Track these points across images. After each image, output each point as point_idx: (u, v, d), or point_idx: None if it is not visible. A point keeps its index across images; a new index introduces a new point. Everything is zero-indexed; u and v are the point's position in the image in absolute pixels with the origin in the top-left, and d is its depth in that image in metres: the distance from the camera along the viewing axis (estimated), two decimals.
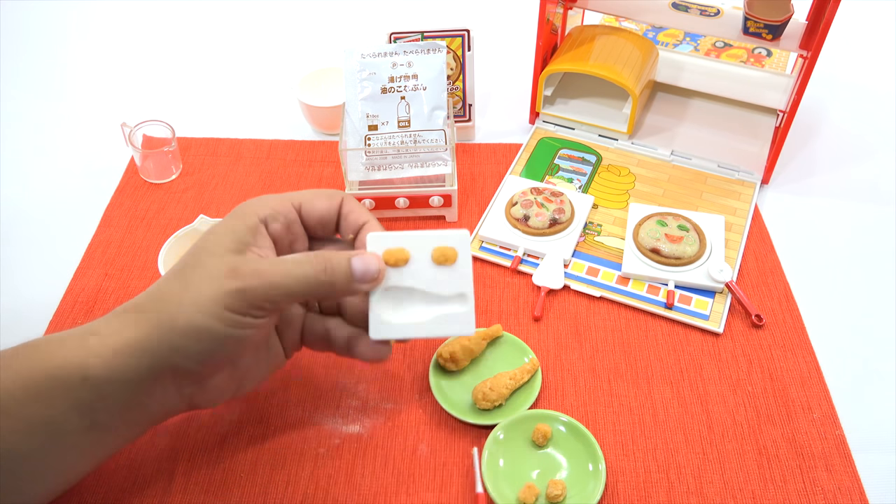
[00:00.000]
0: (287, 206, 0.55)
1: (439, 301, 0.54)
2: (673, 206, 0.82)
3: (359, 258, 0.51)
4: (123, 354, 0.48)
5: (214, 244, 0.51)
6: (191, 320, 0.48)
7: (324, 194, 0.57)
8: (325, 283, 0.50)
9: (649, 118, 0.94)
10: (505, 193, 0.83)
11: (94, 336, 0.49)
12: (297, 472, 0.60)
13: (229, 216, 0.54)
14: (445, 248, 0.53)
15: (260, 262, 0.50)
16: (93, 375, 0.48)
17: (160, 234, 0.80)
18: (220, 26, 1.14)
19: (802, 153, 0.92)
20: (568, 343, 0.70)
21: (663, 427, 0.64)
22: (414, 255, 0.53)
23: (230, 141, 0.92)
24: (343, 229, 0.57)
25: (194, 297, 0.49)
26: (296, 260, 0.51)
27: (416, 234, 0.54)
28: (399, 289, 0.53)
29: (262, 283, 0.49)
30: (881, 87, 1.03)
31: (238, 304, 0.49)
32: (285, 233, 0.55)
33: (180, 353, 0.49)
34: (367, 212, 0.57)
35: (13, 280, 0.77)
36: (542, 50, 0.88)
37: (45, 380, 0.47)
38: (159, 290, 0.51)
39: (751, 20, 0.80)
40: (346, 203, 0.57)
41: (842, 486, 0.60)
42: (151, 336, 0.49)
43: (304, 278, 0.50)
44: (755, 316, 0.71)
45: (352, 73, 0.78)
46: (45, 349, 0.49)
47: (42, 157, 0.91)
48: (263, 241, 0.53)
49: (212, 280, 0.49)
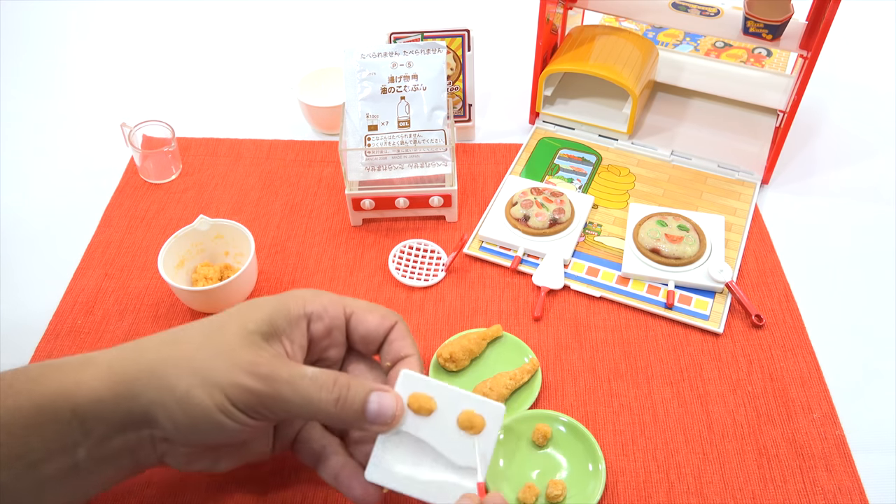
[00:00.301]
0: (338, 311, 0.53)
1: (447, 466, 0.49)
2: (673, 206, 0.82)
3: (377, 397, 0.48)
4: (115, 393, 0.46)
5: (249, 316, 0.49)
6: (189, 390, 0.46)
7: (378, 312, 0.54)
8: (333, 414, 0.48)
9: (649, 118, 0.94)
10: (505, 193, 0.83)
11: (91, 366, 0.48)
12: (297, 472, 0.60)
13: (280, 295, 0.52)
14: (475, 414, 0.49)
15: (280, 368, 0.48)
16: (81, 410, 0.46)
17: (160, 234, 0.80)
18: (220, 26, 1.14)
19: (802, 153, 0.92)
20: (568, 343, 0.70)
21: (663, 427, 0.64)
22: (440, 409, 0.49)
23: (230, 141, 0.92)
24: (384, 354, 0.54)
25: (202, 367, 0.47)
26: (314, 379, 0.48)
27: (451, 389, 0.50)
28: (412, 438, 0.49)
29: (272, 392, 0.47)
30: (881, 87, 1.03)
31: (241, 400, 0.46)
32: (325, 335, 0.53)
33: (166, 413, 0.47)
34: (414, 345, 0.54)
35: (13, 280, 0.77)
36: (542, 50, 0.88)
37: (34, 409, 0.45)
38: (174, 338, 0.49)
39: (751, 20, 0.80)
40: (397, 329, 0.54)
41: (842, 486, 0.60)
42: (147, 385, 0.47)
43: (314, 404, 0.47)
44: (755, 316, 0.71)
45: (352, 73, 0.78)
46: (36, 377, 0.47)
47: (42, 157, 0.91)
48: (298, 336, 0.51)
49: (227, 361, 0.47)
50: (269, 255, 0.78)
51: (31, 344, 0.70)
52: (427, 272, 0.76)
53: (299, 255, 0.78)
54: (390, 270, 0.76)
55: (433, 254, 0.78)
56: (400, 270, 0.76)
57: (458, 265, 0.77)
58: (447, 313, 0.73)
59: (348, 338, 0.55)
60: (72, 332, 0.71)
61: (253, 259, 0.70)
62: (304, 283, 0.75)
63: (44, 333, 0.71)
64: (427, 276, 0.76)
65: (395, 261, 0.77)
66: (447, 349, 0.66)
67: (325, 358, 0.54)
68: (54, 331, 0.71)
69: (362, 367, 0.56)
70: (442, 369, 0.67)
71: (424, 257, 0.78)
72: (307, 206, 0.84)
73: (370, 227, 0.81)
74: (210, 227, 0.73)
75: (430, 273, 0.76)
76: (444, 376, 0.66)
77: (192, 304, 0.71)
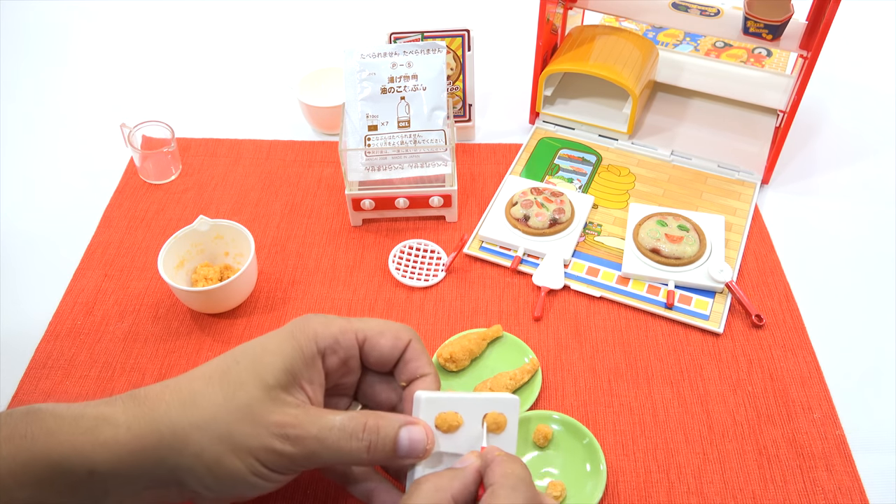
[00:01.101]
0: (350, 340, 0.52)
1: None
2: (673, 206, 0.82)
3: (407, 433, 0.48)
4: (137, 458, 0.45)
5: (265, 369, 0.48)
6: (220, 458, 0.45)
7: (391, 333, 0.53)
8: (366, 460, 0.48)
9: (649, 118, 0.94)
10: (505, 193, 0.83)
11: (109, 426, 0.46)
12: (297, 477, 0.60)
13: (289, 332, 0.50)
14: (498, 415, 0.50)
15: (308, 425, 0.47)
16: (100, 471, 0.45)
17: (160, 234, 0.80)
18: (220, 26, 1.14)
19: (802, 153, 0.92)
20: (568, 343, 0.70)
21: (663, 427, 0.64)
22: (464, 419, 0.50)
23: (230, 141, 0.92)
24: (399, 373, 0.53)
25: (231, 432, 0.46)
26: (344, 429, 0.47)
27: (467, 398, 0.50)
28: (442, 455, 0.50)
29: (304, 452, 0.46)
30: (881, 86, 1.03)
31: (273, 462, 0.46)
32: (340, 366, 0.52)
33: (196, 478, 0.46)
34: (430, 362, 0.53)
35: (13, 281, 0.77)
36: (542, 50, 0.88)
37: (50, 465, 0.44)
38: (192, 396, 0.47)
39: (751, 20, 0.80)
40: (411, 349, 0.53)
41: (842, 486, 0.60)
42: (173, 450, 0.46)
43: (345, 454, 0.47)
44: (755, 316, 0.71)
45: (352, 74, 0.78)
46: (52, 429, 0.45)
47: (42, 157, 0.91)
48: (316, 376, 0.50)
49: (255, 426, 0.46)
50: (269, 255, 0.78)
51: (31, 344, 0.70)
52: (427, 272, 0.76)
53: (299, 256, 0.78)
54: (390, 270, 0.76)
55: (433, 254, 0.78)
56: (400, 270, 0.76)
57: (458, 265, 0.77)
58: (447, 313, 0.73)
59: (363, 360, 0.54)
60: (72, 333, 0.71)
61: (253, 259, 0.70)
62: (304, 284, 0.75)
63: (44, 334, 0.71)
64: (427, 277, 0.76)
65: (395, 261, 0.77)
66: (447, 349, 0.66)
67: (341, 384, 0.54)
68: (54, 331, 0.71)
69: (379, 384, 0.55)
70: (442, 369, 0.67)
71: (424, 257, 0.78)
72: (307, 207, 0.84)
73: (370, 228, 0.81)
74: (210, 228, 0.73)
75: (430, 273, 0.76)
76: (445, 376, 0.66)
77: (192, 305, 0.71)
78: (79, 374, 0.67)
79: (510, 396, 0.50)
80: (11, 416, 0.46)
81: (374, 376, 0.55)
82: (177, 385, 0.48)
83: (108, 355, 0.69)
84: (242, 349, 0.49)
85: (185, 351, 0.69)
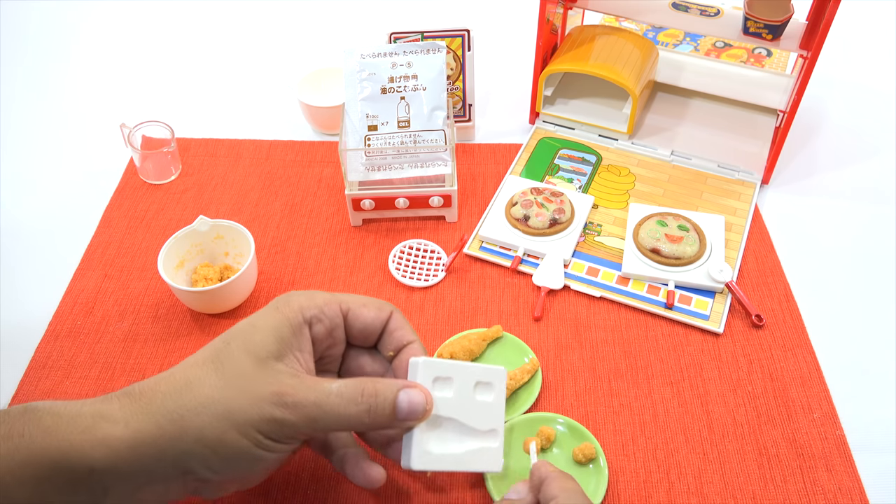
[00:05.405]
0: (335, 310, 0.53)
1: (472, 435, 0.52)
2: (673, 206, 0.82)
3: (406, 395, 0.48)
4: (137, 452, 0.45)
5: (257, 344, 0.48)
6: (222, 436, 0.46)
7: (373, 305, 0.54)
8: (366, 423, 0.48)
9: (649, 118, 0.94)
10: (505, 193, 0.83)
11: (107, 422, 0.46)
12: (298, 473, 0.60)
13: (274, 307, 0.51)
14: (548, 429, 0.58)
15: (305, 391, 0.47)
16: (100, 468, 0.45)
17: (160, 234, 0.80)
18: (220, 26, 1.14)
19: (802, 153, 0.92)
20: (568, 343, 0.70)
21: (663, 427, 0.64)
22: (458, 385, 0.52)
23: (230, 141, 0.92)
24: (384, 344, 0.55)
25: (230, 410, 0.46)
26: (342, 395, 0.48)
27: (460, 365, 0.52)
28: (439, 418, 0.51)
29: (304, 418, 0.47)
30: (881, 86, 1.03)
31: (275, 432, 0.47)
32: (326, 336, 0.53)
33: (200, 461, 0.46)
34: (413, 332, 0.55)
35: (13, 281, 0.77)
36: (542, 50, 0.88)
37: (49, 463, 0.44)
38: (188, 382, 0.47)
39: (751, 20, 0.80)
40: (394, 319, 0.54)
41: (842, 486, 0.60)
42: (173, 439, 0.46)
43: (345, 418, 0.48)
44: (755, 316, 0.71)
45: (352, 74, 0.78)
46: (50, 428, 0.45)
47: (42, 157, 0.91)
48: (305, 343, 0.51)
49: (253, 398, 0.46)
50: (269, 255, 0.78)
51: (31, 344, 0.70)
52: (427, 272, 0.76)
53: (299, 256, 0.78)
54: (390, 271, 0.76)
55: (433, 254, 0.78)
56: (400, 271, 0.76)
57: (458, 265, 0.77)
58: (447, 313, 0.73)
59: (347, 334, 0.55)
60: (72, 333, 0.71)
61: (253, 259, 0.70)
62: (305, 284, 0.75)
63: (44, 334, 0.71)
64: (427, 277, 0.76)
65: (395, 261, 0.77)
66: (447, 349, 0.66)
67: (327, 356, 0.55)
68: (54, 331, 0.71)
69: (363, 357, 0.56)
70: None
71: (424, 257, 0.78)
72: (307, 207, 0.84)
73: (370, 228, 0.81)
74: (210, 228, 0.73)
75: (430, 273, 0.76)
76: None
77: (192, 305, 0.71)
78: (79, 375, 0.67)
79: (497, 367, 0.54)
80: (8, 414, 0.46)
81: (359, 351, 0.56)
82: (171, 375, 0.48)
83: (108, 355, 0.69)
84: (232, 331, 0.50)
85: (185, 351, 0.69)
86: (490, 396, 0.53)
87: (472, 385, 0.53)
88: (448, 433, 0.52)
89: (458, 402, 0.52)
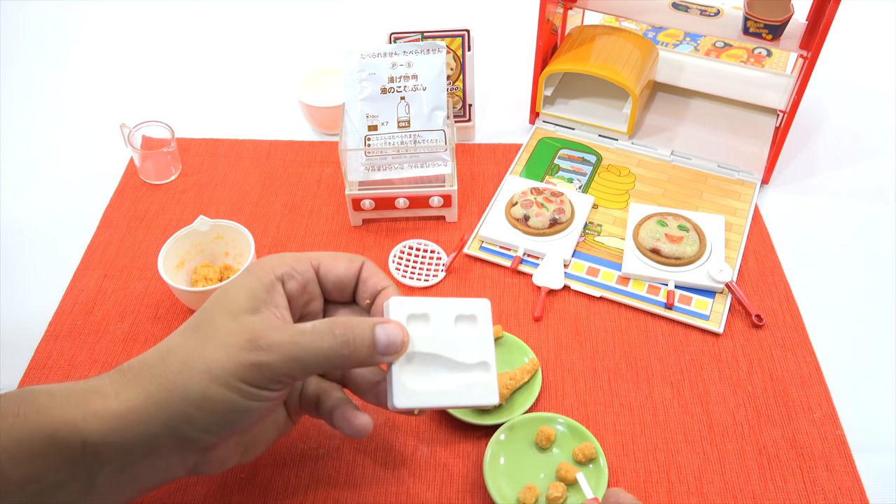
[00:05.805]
0: (305, 266, 0.53)
1: (462, 369, 0.52)
2: (673, 206, 0.82)
3: (383, 329, 0.49)
4: (128, 421, 0.46)
5: (230, 302, 0.49)
6: (205, 391, 0.46)
7: (344, 257, 0.55)
8: (346, 356, 0.48)
9: (649, 118, 0.94)
10: (505, 193, 0.83)
11: (98, 396, 0.46)
12: (298, 473, 0.60)
13: (245, 272, 0.52)
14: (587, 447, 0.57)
15: (279, 332, 0.48)
16: (93, 441, 0.45)
17: (160, 234, 0.80)
18: (220, 26, 1.14)
19: (802, 153, 0.92)
20: (568, 343, 0.70)
21: (663, 427, 0.64)
22: (437, 320, 0.52)
23: (229, 141, 0.92)
24: (360, 294, 0.55)
25: (209, 365, 0.46)
26: (316, 331, 0.48)
27: (438, 300, 0.52)
28: (421, 355, 0.51)
29: (282, 357, 0.47)
30: (881, 86, 1.03)
31: (256, 377, 0.47)
32: (301, 292, 0.53)
33: (190, 422, 0.47)
34: (387, 277, 0.55)
35: (13, 281, 0.77)
36: (542, 50, 0.88)
37: (43, 439, 0.44)
38: (170, 349, 0.48)
39: (751, 20, 0.80)
40: (366, 268, 0.55)
41: (842, 486, 0.60)
42: (160, 403, 0.46)
43: (324, 352, 0.48)
44: (755, 316, 0.71)
45: (352, 74, 0.78)
46: (44, 406, 0.46)
47: (42, 157, 0.91)
48: (280, 299, 0.51)
49: (228, 348, 0.47)
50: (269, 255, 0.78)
51: (31, 344, 0.70)
52: (427, 272, 0.76)
53: None
54: (390, 271, 0.76)
55: (433, 254, 0.78)
56: (400, 270, 0.76)
57: (458, 265, 0.77)
58: None
59: (323, 289, 0.55)
60: (72, 333, 0.71)
61: (253, 259, 0.70)
62: None
63: (44, 334, 0.71)
64: (427, 277, 0.76)
65: (395, 261, 0.77)
66: None
67: (307, 313, 0.55)
68: (54, 331, 0.71)
69: (343, 311, 0.57)
70: None
71: (424, 257, 0.78)
72: (307, 206, 0.84)
73: (370, 228, 0.81)
74: (210, 228, 0.73)
75: (430, 273, 0.76)
76: None
77: (192, 305, 0.71)
78: (79, 374, 0.67)
79: (480, 299, 0.53)
80: (4, 397, 0.46)
81: (339, 307, 0.56)
82: (155, 348, 0.49)
83: (108, 355, 0.69)
84: (209, 299, 0.51)
85: None
86: (474, 330, 0.53)
87: (451, 319, 0.52)
88: (434, 368, 0.51)
89: (439, 337, 0.51)
